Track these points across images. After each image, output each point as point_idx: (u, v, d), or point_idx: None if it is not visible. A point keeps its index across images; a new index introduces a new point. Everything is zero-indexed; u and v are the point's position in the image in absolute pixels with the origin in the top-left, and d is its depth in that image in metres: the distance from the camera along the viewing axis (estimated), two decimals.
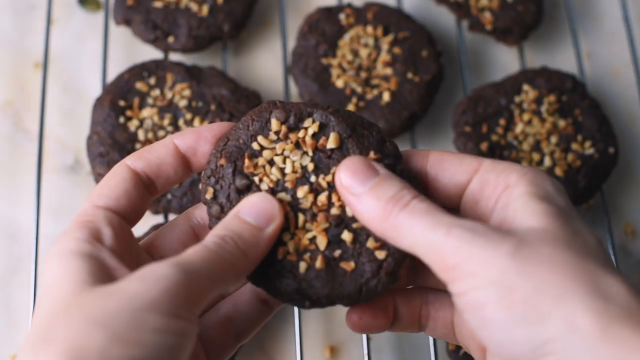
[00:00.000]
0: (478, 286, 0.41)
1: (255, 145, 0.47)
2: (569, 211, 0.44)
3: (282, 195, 0.47)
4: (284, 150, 0.47)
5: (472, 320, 0.42)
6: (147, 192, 0.48)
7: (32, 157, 0.76)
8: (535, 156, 0.72)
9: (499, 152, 0.72)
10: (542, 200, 0.44)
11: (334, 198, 0.47)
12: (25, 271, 0.72)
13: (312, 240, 0.46)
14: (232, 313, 0.50)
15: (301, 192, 0.46)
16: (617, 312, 0.39)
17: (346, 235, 0.46)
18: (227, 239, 0.44)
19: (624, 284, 0.40)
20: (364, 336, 0.66)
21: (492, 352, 0.42)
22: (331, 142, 0.47)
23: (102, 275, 0.41)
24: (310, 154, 0.47)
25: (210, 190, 0.47)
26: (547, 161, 0.71)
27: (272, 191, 0.47)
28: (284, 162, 0.47)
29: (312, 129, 0.48)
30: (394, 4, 0.82)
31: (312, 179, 0.47)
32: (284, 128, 0.48)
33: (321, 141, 0.48)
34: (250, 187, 0.47)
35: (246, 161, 0.47)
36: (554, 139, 0.72)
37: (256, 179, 0.47)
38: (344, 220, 0.46)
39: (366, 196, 0.44)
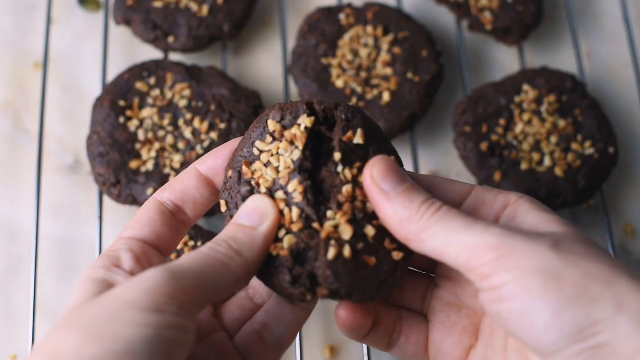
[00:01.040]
0: (521, 276, 0.42)
1: (255, 151, 0.48)
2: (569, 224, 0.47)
3: (278, 194, 0.47)
4: (278, 149, 0.48)
5: (511, 310, 0.43)
6: (176, 220, 0.49)
7: (32, 157, 0.76)
8: (535, 156, 0.72)
9: (499, 152, 0.72)
10: (551, 212, 0.46)
11: (357, 192, 0.47)
12: (25, 271, 0.72)
13: (336, 229, 0.46)
14: (267, 320, 0.51)
15: (291, 186, 0.47)
16: None
17: (369, 230, 0.46)
18: (219, 242, 0.45)
19: None
20: None
21: (530, 344, 0.43)
22: (358, 138, 0.48)
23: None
24: (301, 147, 0.48)
25: (223, 202, 0.49)
26: (547, 161, 0.71)
27: (271, 191, 0.47)
28: (279, 161, 0.48)
29: (305, 122, 0.48)
30: (394, 4, 0.82)
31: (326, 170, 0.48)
32: (279, 127, 0.48)
33: (348, 134, 0.48)
34: (252, 192, 0.47)
35: (244, 168, 0.48)
36: (554, 139, 0.72)
37: (253, 183, 0.48)
38: (367, 215, 0.47)
39: (399, 198, 0.46)
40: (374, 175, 0.46)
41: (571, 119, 0.74)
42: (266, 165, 0.48)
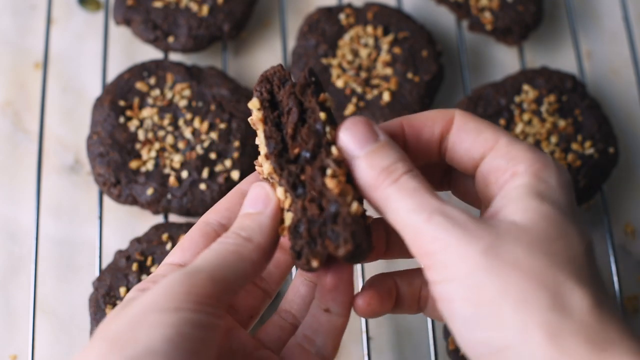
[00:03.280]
0: (449, 279, 0.41)
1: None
2: (567, 210, 0.44)
3: (271, 180, 0.49)
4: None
5: (443, 310, 0.42)
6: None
7: (32, 157, 0.76)
8: None
9: None
10: (538, 197, 0.44)
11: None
12: (25, 271, 0.72)
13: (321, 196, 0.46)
14: (305, 332, 0.50)
15: (266, 169, 0.48)
16: (573, 327, 0.39)
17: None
18: (229, 235, 0.46)
19: (590, 298, 0.40)
20: (364, 336, 0.66)
21: (459, 344, 0.43)
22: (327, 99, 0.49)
23: None
24: (261, 131, 0.48)
25: None
26: None
27: (269, 180, 0.49)
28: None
29: (253, 107, 0.49)
30: (394, 4, 0.82)
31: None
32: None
33: (322, 96, 0.48)
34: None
35: (257, 169, 0.50)
36: (554, 139, 0.72)
37: (262, 178, 0.50)
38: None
39: (361, 161, 0.45)
40: (340, 137, 0.46)
41: (571, 119, 0.74)
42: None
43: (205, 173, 0.70)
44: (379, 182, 0.44)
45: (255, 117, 0.49)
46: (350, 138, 0.46)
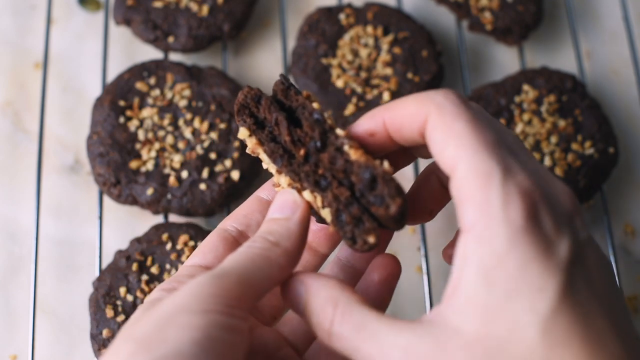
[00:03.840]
0: None
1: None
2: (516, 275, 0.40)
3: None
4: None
5: None
6: (241, 243, 0.49)
7: (32, 157, 0.76)
8: (536, 156, 0.72)
9: None
10: (484, 284, 0.40)
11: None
12: (25, 271, 0.72)
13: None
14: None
15: (283, 181, 0.48)
16: None
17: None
18: (256, 239, 0.46)
19: None
20: None
21: None
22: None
23: None
24: (265, 156, 0.49)
25: None
26: (547, 161, 0.71)
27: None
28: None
29: (243, 137, 0.49)
30: (394, 4, 0.82)
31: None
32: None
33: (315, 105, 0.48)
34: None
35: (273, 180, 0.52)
36: (554, 139, 0.72)
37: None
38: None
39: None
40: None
41: (571, 119, 0.74)
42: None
43: (205, 173, 0.70)
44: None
45: (251, 145, 0.49)
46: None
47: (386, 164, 0.45)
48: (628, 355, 0.40)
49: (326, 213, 0.46)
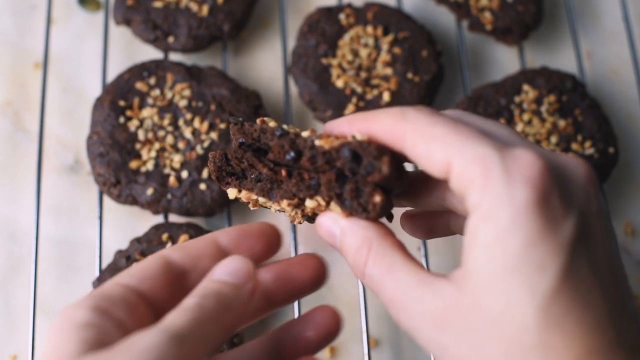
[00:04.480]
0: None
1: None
2: (519, 255, 0.40)
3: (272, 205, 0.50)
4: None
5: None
6: (180, 282, 0.45)
7: (32, 157, 0.76)
8: None
9: None
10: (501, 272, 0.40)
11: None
12: (25, 271, 0.72)
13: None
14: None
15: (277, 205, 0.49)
16: None
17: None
18: (207, 297, 0.42)
19: None
20: (364, 336, 0.66)
21: None
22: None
23: (100, 345, 0.39)
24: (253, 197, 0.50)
25: None
26: None
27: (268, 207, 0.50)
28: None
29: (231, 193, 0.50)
30: (394, 4, 0.82)
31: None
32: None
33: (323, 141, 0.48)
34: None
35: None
36: (554, 139, 0.72)
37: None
38: None
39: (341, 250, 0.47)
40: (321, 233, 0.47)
41: (571, 119, 0.74)
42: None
43: (205, 173, 0.70)
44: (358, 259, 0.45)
45: (247, 199, 0.50)
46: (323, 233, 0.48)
47: (358, 135, 0.46)
48: (623, 341, 0.40)
49: (334, 206, 0.47)
